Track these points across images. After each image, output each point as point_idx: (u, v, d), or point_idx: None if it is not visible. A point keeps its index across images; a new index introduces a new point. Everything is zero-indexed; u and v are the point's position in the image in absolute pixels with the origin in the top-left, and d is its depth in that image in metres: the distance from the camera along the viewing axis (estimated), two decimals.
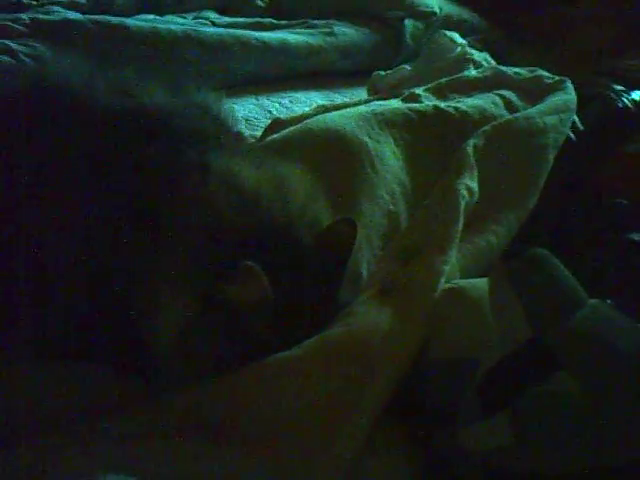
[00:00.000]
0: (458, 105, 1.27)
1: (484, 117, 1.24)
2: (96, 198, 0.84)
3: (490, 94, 1.34)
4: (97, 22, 1.97)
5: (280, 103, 1.91)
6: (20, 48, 1.83)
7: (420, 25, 2.32)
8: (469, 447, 0.70)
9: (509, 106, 1.31)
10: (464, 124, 1.23)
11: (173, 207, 0.83)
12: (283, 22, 2.30)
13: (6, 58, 1.79)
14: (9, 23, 1.91)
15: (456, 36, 1.72)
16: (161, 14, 2.31)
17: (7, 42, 1.84)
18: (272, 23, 2.27)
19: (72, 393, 0.82)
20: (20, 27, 1.91)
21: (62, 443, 0.74)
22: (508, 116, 1.24)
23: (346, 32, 2.25)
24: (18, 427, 0.78)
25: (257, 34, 2.11)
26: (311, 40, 2.17)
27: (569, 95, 1.33)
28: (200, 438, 0.74)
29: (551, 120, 1.24)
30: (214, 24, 2.18)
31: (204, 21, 2.21)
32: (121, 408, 0.80)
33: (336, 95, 2.01)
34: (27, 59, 1.81)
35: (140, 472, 0.68)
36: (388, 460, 0.76)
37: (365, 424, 0.74)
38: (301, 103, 1.92)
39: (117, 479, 0.66)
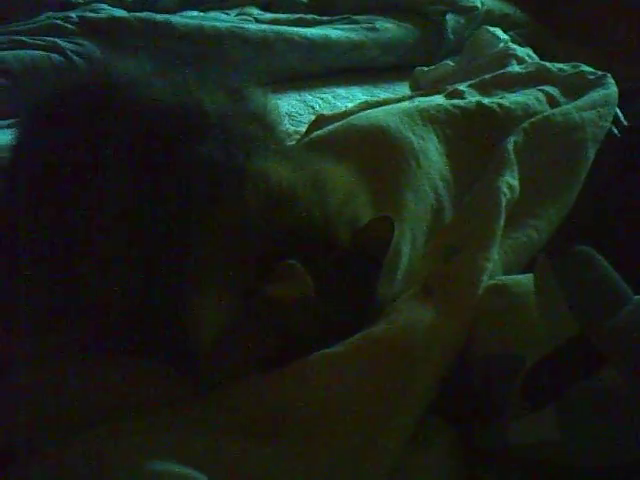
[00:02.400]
0: (501, 101, 1.27)
1: (527, 113, 1.24)
2: (146, 193, 0.86)
3: (533, 90, 1.33)
4: (142, 20, 2.01)
5: (322, 98, 1.93)
6: (69, 46, 1.88)
7: (462, 20, 2.31)
8: (514, 441, 0.71)
9: (552, 102, 1.30)
10: (507, 120, 1.22)
11: (214, 208, 0.85)
12: (325, 18, 2.31)
13: (56, 56, 1.83)
14: (59, 22, 1.96)
15: (499, 31, 1.72)
16: (204, 11, 2.34)
17: (56, 40, 1.89)
18: (314, 19, 2.29)
19: (124, 386, 0.85)
20: (69, 25, 1.95)
21: (115, 432, 0.77)
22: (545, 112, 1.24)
23: (388, 27, 2.25)
24: (74, 417, 0.81)
25: (300, 30, 2.13)
26: (353, 36, 2.19)
27: (608, 90, 1.31)
28: (245, 433, 0.76)
29: (588, 115, 1.23)
30: (257, 20, 2.20)
31: (247, 18, 2.23)
32: (169, 401, 0.82)
33: (378, 90, 2.02)
34: (75, 57, 1.85)
35: (189, 462, 0.71)
36: (431, 454, 0.77)
37: (410, 420, 0.75)
38: (343, 98, 1.93)
39: (167, 467, 0.69)
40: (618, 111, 1.31)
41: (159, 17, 2.03)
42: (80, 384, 0.84)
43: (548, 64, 1.45)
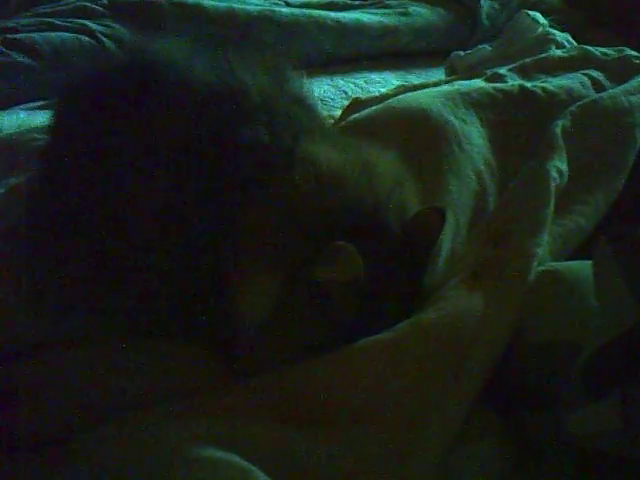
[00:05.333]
0: (545, 85, 1.24)
1: (572, 97, 1.21)
2: (191, 176, 0.85)
3: (577, 74, 1.30)
4: (173, 2, 1.99)
5: (355, 83, 1.90)
6: (99, 28, 1.87)
7: (496, 5, 2.28)
8: (572, 431, 0.68)
9: (597, 86, 1.27)
10: (551, 104, 1.20)
11: (263, 188, 0.83)
12: (357, 2, 2.28)
13: (85, 38, 1.82)
14: (88, 4, 1.94)
15: (538, 16, 1.68)
16: None
17: (86, 22, 1.88)
18: (346, 3, 2.26)
19: (165, 370, 0.84)
20: (99, 8, 1.94)
21: (159, 417, 0.76)
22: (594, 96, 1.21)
23: (421, 12, 2.22)
24: (117, 402, 0.80)
25: (332, 14, 2.11)
26: (386, 20, 2.16)
27: None
28: (290, 420, 0.75)
29: (636, 99, 1.19)
30: (288, 4, 2.18)
31: (278, 1, 2.21)
32: (212, 386, 0.81)
33: (411, 76, 1.99)
34: (105, 39, 1.84)
35: (234, 449, 0.69)
36: (481, 445, 0.75)
37: (459, 409, 0.74)
38: (376, 84, 1.91)
39: (222, 456, 0.67)
40: None
41: (190, 0, 2.01)
42: (122, 367, 0.83)
43: (591, 48, 1.41)
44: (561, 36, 1.62)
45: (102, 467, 0.70)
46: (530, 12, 1.70)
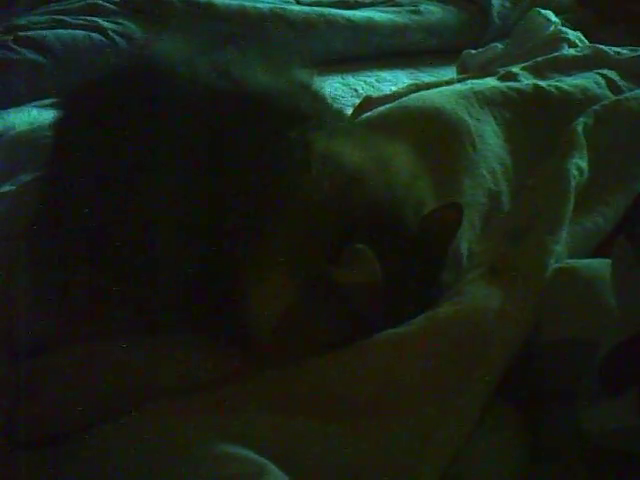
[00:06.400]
0: (559, 84, 1.24)
1: (587, 97, 1.21)
2: (201, 178, 0.84)
3: (591, 73, 1.30)
4: (184, 0, 1.99)
5: (366, 82, 1.90)
6: (110, 26, 1.87)
7: (507, 3, 2.28)
8: (589, 428, 0.69)
9: (612, 86, 1.26)
10: (566, 104, 1.20)
11: (278, 188, 0.83)
12: (367, 0, 2.28)
13: (97, 35, 1.83)
14: (100, 1, 1.95)
15: (550, 14, 1.67)
16: None
17: (97, 20, 1.88)
18: (357, 1, 2.26)
19: (175, 366, 0.83)
20: (110, 5, 1.95)
21: (170, 413, 0.76)
22: (616, 96, 1.21)
23: (432, 10, 2.22)
24: (133, 396, 0.80)
25: (343, 12, 2.11)
26: (397, 18, 2.15)
27: None
28: (307, 413, 0.75)
29: None
30: (299, 2, 2.18)
31: None
32: (230, 380, 0.81)
33: (422, 74, 1.99)
34: (117, 37, 1.85)
35: (253, 444, 0.69)
36: (497, 440, 0.75)
37: (475, 403, 0.74)
38: (387, 82, 1.91)
39: (236, 451, 0.67)
40: None
41: None
42: (131, 363, 0.83)
43: (605, 47, 1.41)
44: (573, 35, 1.61)
45: (112, 465, 0.70)
46: (542, 10, 1.69)
